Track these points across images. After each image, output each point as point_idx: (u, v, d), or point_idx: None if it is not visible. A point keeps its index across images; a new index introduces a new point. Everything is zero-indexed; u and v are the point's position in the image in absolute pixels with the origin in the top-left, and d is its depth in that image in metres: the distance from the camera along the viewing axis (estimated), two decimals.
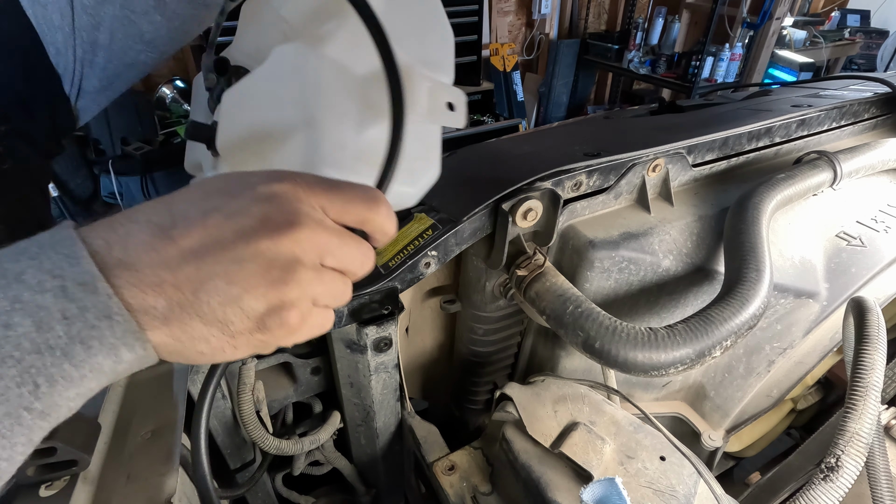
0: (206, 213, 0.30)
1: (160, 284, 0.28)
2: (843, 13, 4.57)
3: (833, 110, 1.00)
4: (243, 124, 0.47)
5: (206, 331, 0.29)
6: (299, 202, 0.31)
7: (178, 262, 0.28)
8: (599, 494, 0.50)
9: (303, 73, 0.45)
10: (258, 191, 0.31)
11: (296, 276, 0.30)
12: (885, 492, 0.55)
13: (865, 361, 0.56)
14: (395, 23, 0.40)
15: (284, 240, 0.30)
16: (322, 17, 0.48)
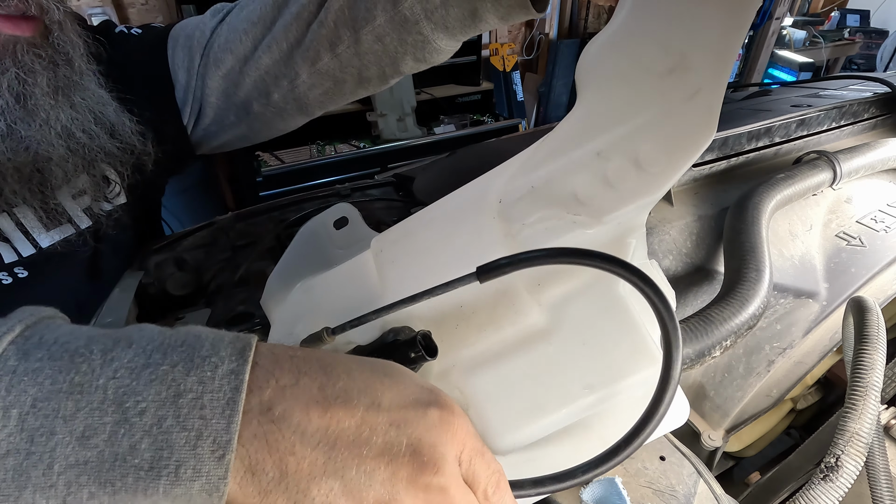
0: (373, 406, 0.28)
1: (287, 455, 0.26)
2: (843, 13, 4.57)
3: (833, 110, 1.00)
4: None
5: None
6: (451, 449, 0.29)
7: (318, 439, 0.26)
8: (599, 494, 0.50)
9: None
10: (429, 414, 0.29)
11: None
12: (885, 492, 0.55)
13: (865, 361, 0.56)
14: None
15: (421, 481, 0.27)
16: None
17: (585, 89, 0.41)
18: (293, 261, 0.56)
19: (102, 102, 0.61)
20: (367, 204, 0.84)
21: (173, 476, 0.24)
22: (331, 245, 0.55)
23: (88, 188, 0.63)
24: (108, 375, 0.25)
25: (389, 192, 0.90)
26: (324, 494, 0.26)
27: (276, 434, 0.26)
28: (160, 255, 0.73)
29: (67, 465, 0.24)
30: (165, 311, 0.70)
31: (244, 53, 0.69)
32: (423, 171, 0.87)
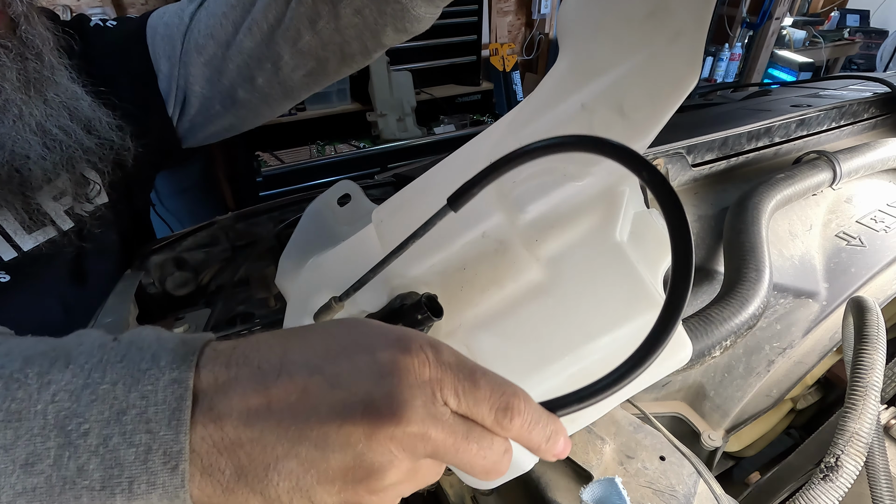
0: (313, 371, 0.26)
1: (236, 447, 0.25)
2: (843, 13, 4.57)
3: (832, 110, 1.00)
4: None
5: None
6: (417, 388, 0.26)
7: (261, 423, 0.25)
8: (599, 494, 0.50)
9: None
10: (377, 357, 0.26)
11: (381, 480, 0.26)
12: (885, 492, 0.55)
13: (865, 361, 0.56)
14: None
15: (382, 435, 0.25)
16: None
17: (567, 42, 0.40)
18: (302, 239, 0.56)
19: (76, 97, 0.60)
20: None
21: (127, 492, 0.24)
22: (336, 222, 0.56)
23: (69, 188, 0.62)
24: (46, 400, 0.24)
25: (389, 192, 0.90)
26: (285, 477, 0.25)
27: (220, 431, 0.25)
28: (160, 255, 0.73)
29: (14, 493, 0.24)
30: (165, 311, 0.70)
31: (225, 38, 0.67)
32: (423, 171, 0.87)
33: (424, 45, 2.93)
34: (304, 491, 0.25)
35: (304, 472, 0.25)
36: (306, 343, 0.28)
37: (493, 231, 0.40)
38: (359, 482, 0.26)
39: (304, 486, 0.25)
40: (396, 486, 0.27)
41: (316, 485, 0.25)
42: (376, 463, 0.25)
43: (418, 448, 0.26)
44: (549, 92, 0.40)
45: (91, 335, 0.28)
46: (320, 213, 0.57)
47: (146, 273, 0.70)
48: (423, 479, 0.28)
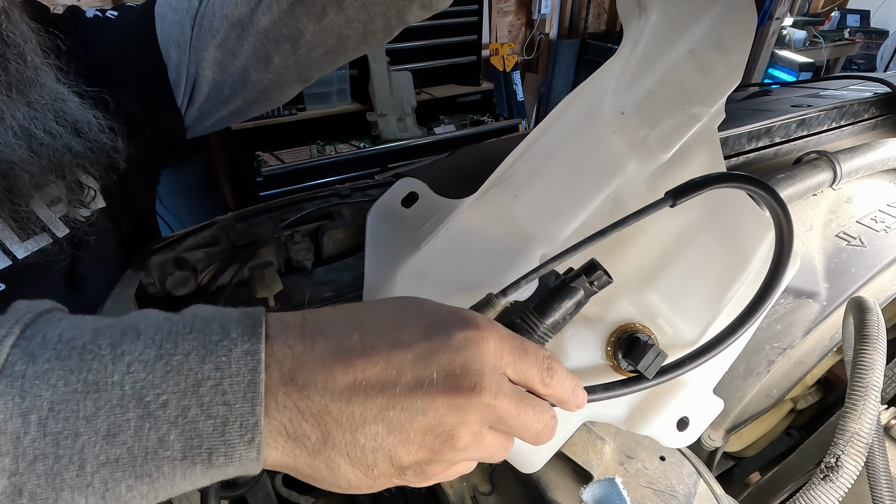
0: (395, 346, 0.28)
1: (323, 415, 0.27)
2: (843, 13, 4.57)
3: (833, 110, 1.00)
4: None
5: (350, 471, 0.28)
6: (486, 362, 0.29)
7: (349, 394, 0.27)
8: (599, 494, 0.50)
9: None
10: (453, 337, 0.29)
11: (455, 442, 0.29)
12: (885, 492, 0.55)
13: (865, 361, 0.56)
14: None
15: (461, 402, 0.28)
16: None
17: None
18: (377, 253, 0.55)
19: (62, 99, 0.57)
20: (367, 204, 0.84)
21: (207, 462, 0.25)
22: (406, 225, 0.54)
23: (63, 194, 0.60)
24: (122, 371, 0.25)
25: None
26: (371, 439, 0.27)
27: (306, 401, 0.26)
28: (160, 255, 0.73)
29: (99, 464, 0.24)
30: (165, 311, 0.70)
31: (239, 18, 0.64)
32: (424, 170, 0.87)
33: (424, 45, 2.93)
34: (387, 451, 0.28)
35: (387, 434, 0.27)
36: (380, 318, 0.30)
37: (625, 183, 0.44)
38: (435, 444, 0.28)
39: (387, 447, 0.28)
40: (466, 450, 0.29)
41: (398, 445, 0.28)
42: (452, 427, 0.28)
43: (487, 415, 0.29)
44: (654, 44, 0.45)
45: (152, 311, 0.29)
46: (385, 219, 0.56)
47: (146, 273, 0.70)
48: (489, 448, 0.31)
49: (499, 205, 0.47)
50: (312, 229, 0.78)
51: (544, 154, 0.46)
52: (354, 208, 0.82)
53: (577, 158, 0.45)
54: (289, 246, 0.74)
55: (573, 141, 0.45)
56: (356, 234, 0.79)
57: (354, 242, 0.79)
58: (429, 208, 0.54)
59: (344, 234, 0.78)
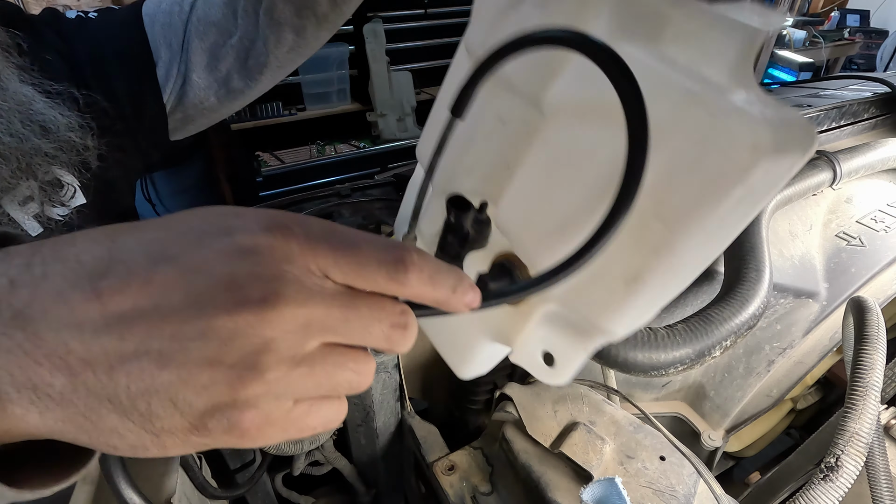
0: (157, 262, 0.22)
1: (64, 355, 0.21)
2: (843, 13, 4.57)
3: (833, 110, 1.00)
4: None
5: (122, 424, 0.22)
6: (287, 263, 0.22)
7: (97, 328, 0.21)
8: (599, 494, 0.50)
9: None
10: (236, 240, 0.22)
11: (260, 369, 0.22)
12: (885, 492, 0.55)
13: (865, 361, 0.56)
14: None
15: (252, 319, 0.21)
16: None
17: None
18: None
19: (28, 100, 0.56)
20: (366, 204, 0.84)
21: None
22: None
23: (36, 193, 0.59)
24: None
25: (389, 192, 0.90)
26: (136, 379, 0.21)
27: (35, 340, 0.21)
28: None
29: None
30: None
31: (226, 24, 0.67)
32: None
33: (424, 45, 2.93)
34: (165, 393, 0.21)
35: (159, 370, 0.21)
36: (142, 233, 0.23)
37: (509, 112, 0.38)
38: (231, 378, 0.22)
39: (164, 387, 0.21)
40: (283, 381, 0.23)
41: (179, 384, 0.21)
42: (249, 353, 0.22)
43: (299, 329, 0.22)
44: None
45: None
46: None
47: None
48: (325, 372, 0.24)
49: (423, 161, 0.47)
50: None
51: (436, 112, 0.48)
52: (354, 208, 0.82)
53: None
54: None
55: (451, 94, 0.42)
56: None
57: None
58: None
59: None
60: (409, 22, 2.83)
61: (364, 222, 0.78)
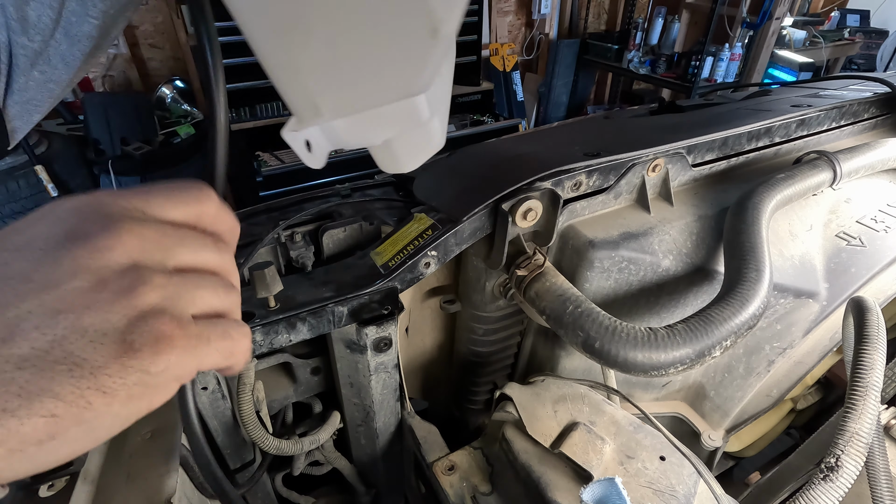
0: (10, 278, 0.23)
1: None
2: (843, 13, 4.57)
3: (833, 110, 1.00)
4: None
5: (46, 382, 0.21)
6: (107, 207, 0.25)
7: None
8: (599, 494, 0.50)
9: None
10: (57, 213, 0.25)
11: (142, 280, 0.24)
12: (885, 492, 0.55)
13: (865, 361, 0.56)
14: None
15: (102, 245, 0.24)
16: None
17: None
18: None
19: None
20: (367, 204, 0.84)
21: None
22: None
23: None
24: None
25: (389, 192, 0.90)
26: (35, 333, 0.21)
27: None
28: None
29: None
30: None
31: (47, 22, 0.59)
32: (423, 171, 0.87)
33: None
34: (70, 332, 0.22)
35: (52, 316, 0.22)
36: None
37: None
38: (119, 292, 0.23)
39: (66, 329, 0.22)
40: (168, 286, 0.25)
41: (80, 315, 0.22)
42: (119, 268, 0.24)
43: (149, 247, 0.25)
44: None
45: None
46: None
47: None
48: (202, 284, 0.27)
49: None
50: (312, 229, 0.78)
51: None
52: (354, 208, 0.82)
53: None
54: (289, 246, 0.74)
55: None
56: (356, 234, 0.79)
57: (354, 242, 0.79)
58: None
59: (344, 234, 0.78)
60: None
61: (364, 222, 0.78)
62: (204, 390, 0.65)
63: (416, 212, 0.74)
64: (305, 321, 0.63)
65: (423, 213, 0.73)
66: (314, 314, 0.63)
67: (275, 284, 0.60)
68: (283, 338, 0.63)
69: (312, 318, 0.63)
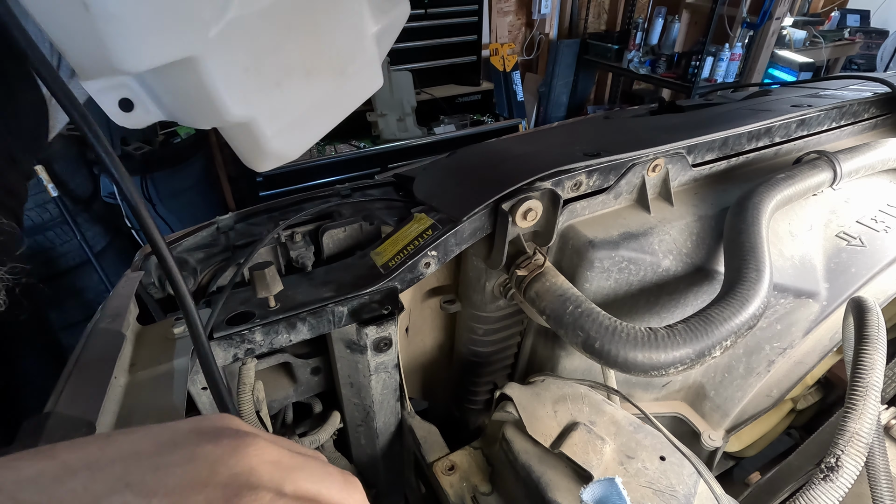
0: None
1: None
2: (843, 13, 4.57)
3: (833, 110, 1.00)
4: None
5: None
6: (258, 479, 0.24)
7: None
8: (599, 494, 0.50)
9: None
10: (198, 470, 0.23)
11: (252, 484, 0.23)
12: (885, 492, 0.55)
13: (865, 361, 0.56)
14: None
15: (231, 442, 0.24)
16: None
17: None
18: None
19: None
20: (367, 204, 0.84)
21: None
22: None
23: None
24: None
25: (389, 192, 0.90)
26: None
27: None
28: None
29: None
30: (165, 311, 0.70)
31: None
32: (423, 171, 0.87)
33: (424, 45, 2.93)
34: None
35: (142, 499, 0.21)
36: (84, 469, 0.22)
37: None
38: (225, 494, 0.23)
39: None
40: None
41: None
42: (236, 472, 0.23)
43: (273, 465, 0.25)
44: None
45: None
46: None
47: (146, 273, 0.70)
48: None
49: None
50: (312, 229, 0.78)
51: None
52: (354, 208, 0.82)
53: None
54: (289, 246, 0.74)
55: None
56: (356, 234, 0.79)
57: (354, 242, 0.79)
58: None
59: (344, 234, 0.78)
60: (409, 22, 2.82)
61: (364, 222, 0.78)
62: (204, 390, 0.65)
63: (416, 212, 0.74)
64: (305, 321, 0.63)
65: (423, 213, 0.73)
66: (314, 314, 0.63)
67: (275, 284, 0.60)
68: (283, 338, 0.63)
69: (312, 318, 0.63)
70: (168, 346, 0.58)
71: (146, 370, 0.56)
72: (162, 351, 0.58)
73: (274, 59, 0.47)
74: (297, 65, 0.50)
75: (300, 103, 0.52)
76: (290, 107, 0.51)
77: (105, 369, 0.52)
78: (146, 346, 0.59)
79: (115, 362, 0.53)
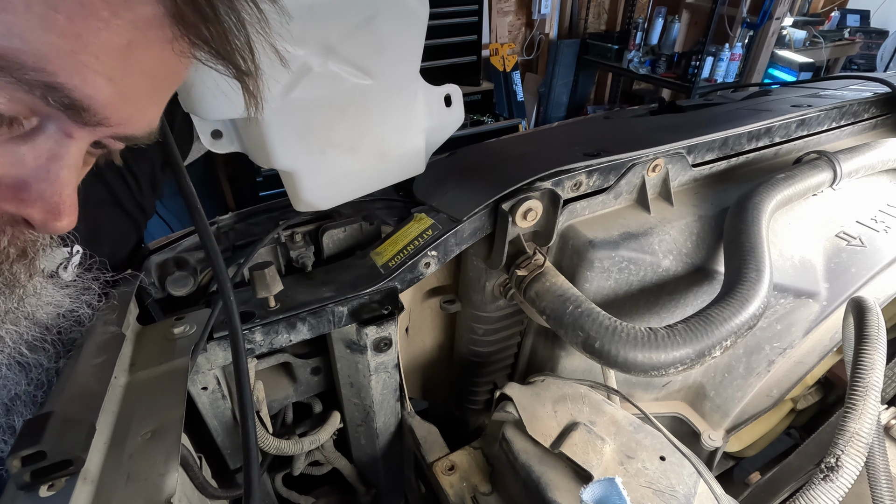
0: None
1: None
2: (843, 13, 4.57)
3: (833, 110, 1.00)
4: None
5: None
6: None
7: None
8: (599, 494, 0.50)
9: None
10: None
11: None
12: (885, 492, 0.55)
13: (865, 361, 0.56)
14: None
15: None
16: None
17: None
18: None
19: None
20: (366, 204, 0.84)
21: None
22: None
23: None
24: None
25: (389, 192, 0.90)
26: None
27: None
28: (160, 255, 0.73)
29: None
30: (165, 311, 0.70)
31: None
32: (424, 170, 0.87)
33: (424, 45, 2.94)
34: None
35: None
36: None
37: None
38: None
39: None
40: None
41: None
42: None
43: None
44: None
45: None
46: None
47: (146, 273, 0.70)
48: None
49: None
50: (312, 229, 0.78)
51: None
52: (354, 208, 0.82)
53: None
54: (289, 246, 0.74)
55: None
56: (356, 234, 0.78)
57: (354, 242, 0.79)
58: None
59: (344, 234, 0.78)
60: None
61: (364, 222, 0.78)
62: (204, 390, 0.65)
63: (416, 212, 0.74)
64: (305, 321, 0.63)
65: (423, 213, 0.73)
66: (314, 314, 0.63)
67: (275, 284, 0.60)
68: (283, 338, 0.63)
69: (312, 318, 0.63)
70: (168, 346, 0.58)
71: (146, 370, 0.56)
72: (162, 351, 0.58)
73: (323, 132, 0.60)
74: (342, 141, 0.62)
75: (339, 170, 0.64)
76: (330, 171, 0.64)
77: (105, 369, 0.52)
78: (146, 346, 0.59)
79: (115, 362, 0.53)
